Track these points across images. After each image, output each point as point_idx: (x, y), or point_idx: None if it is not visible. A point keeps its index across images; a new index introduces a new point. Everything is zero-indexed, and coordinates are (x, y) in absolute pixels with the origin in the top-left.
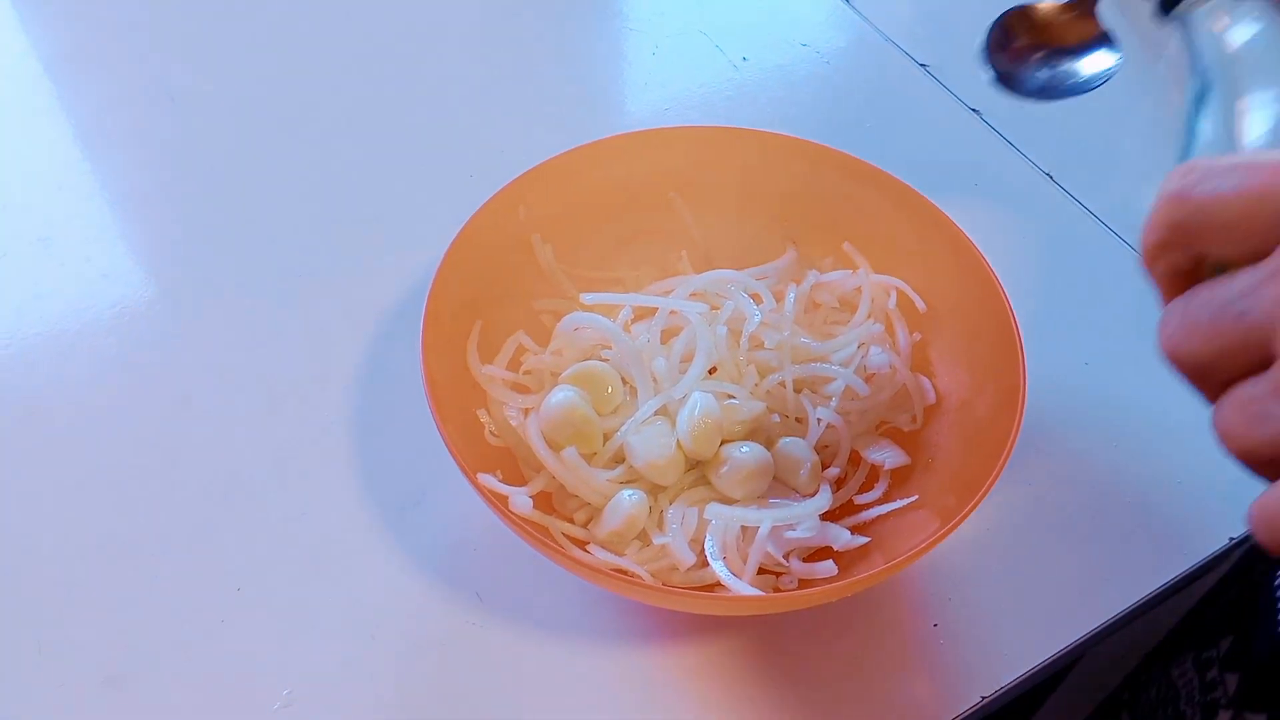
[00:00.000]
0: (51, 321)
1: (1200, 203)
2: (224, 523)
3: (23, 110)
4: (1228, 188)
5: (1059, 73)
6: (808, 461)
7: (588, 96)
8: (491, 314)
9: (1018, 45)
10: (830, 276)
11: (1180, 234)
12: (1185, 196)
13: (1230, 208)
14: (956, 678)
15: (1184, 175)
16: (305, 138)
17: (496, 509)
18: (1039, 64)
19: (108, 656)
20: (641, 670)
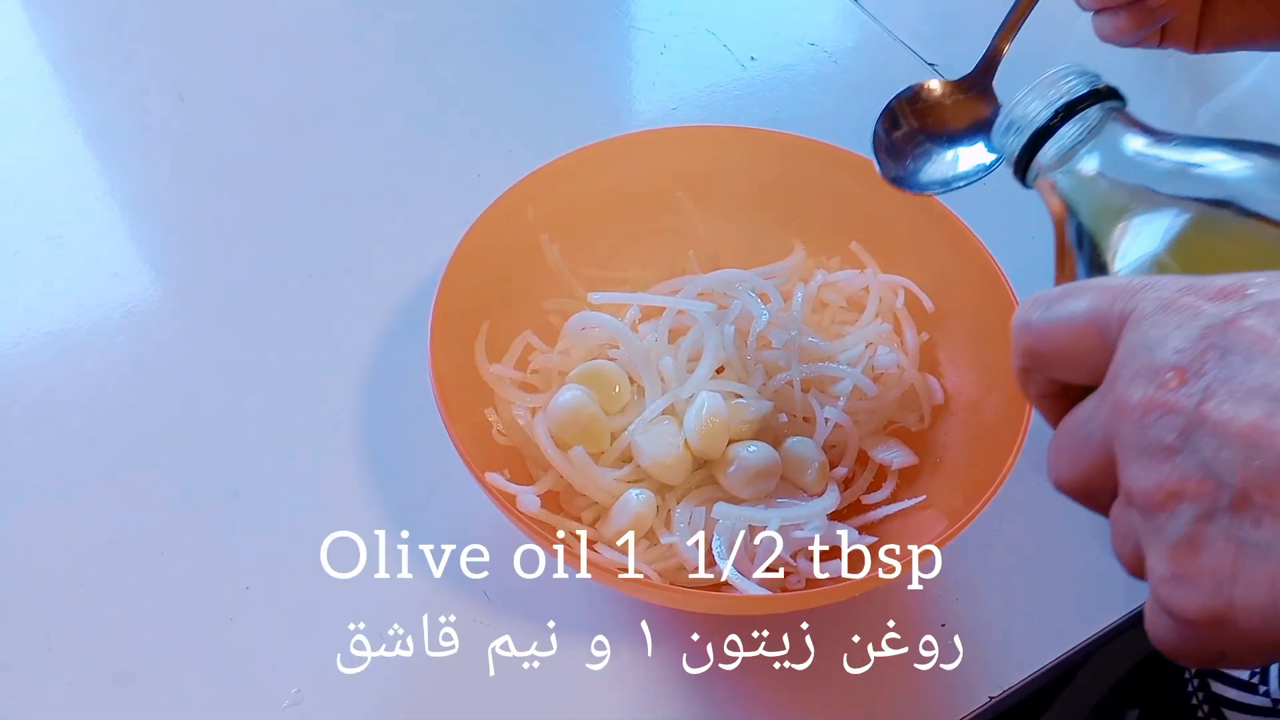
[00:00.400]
0: (62, 320)
1: (1040, 331)
2: (233, 521)
3: (33, 110)
4: (1058, 315)
5: (946, 163)
6: (815, 461)
7: (595, 96)
8: (499, 313)
9: (901, 134)
10: (838, 276)
11: (1033, 361)
12: (1028, 325)
13: (1063, 334)
14: (964, 678)
15: (1029, 305)
16: (314, 137)
17: (504, 508)
18: (925, 154)
19: (117, 654)
20: (649, 669)
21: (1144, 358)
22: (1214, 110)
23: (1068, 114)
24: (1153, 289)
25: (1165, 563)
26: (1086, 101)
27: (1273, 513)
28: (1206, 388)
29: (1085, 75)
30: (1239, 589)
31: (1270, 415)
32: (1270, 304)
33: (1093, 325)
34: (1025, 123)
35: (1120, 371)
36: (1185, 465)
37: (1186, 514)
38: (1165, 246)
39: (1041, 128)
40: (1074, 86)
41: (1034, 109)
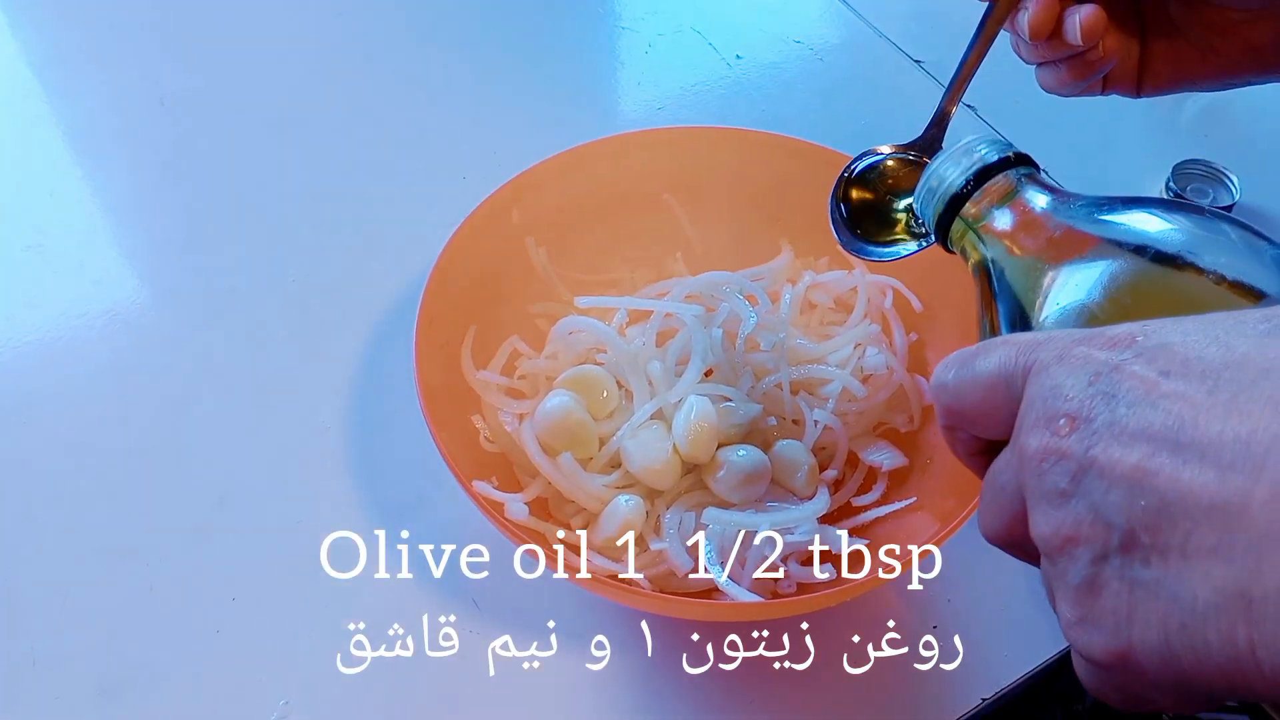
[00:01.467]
0: (45, 329)
1: (955, 390)
2: (218, 531)
3: (12, 115)
4: (970, 374)
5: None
6: (805, 464)
7: (580, 95)
8: (485, 318)
9: (856, 204)
10: (826, 277)
11: (952, 419)
12: (944, 385)
13: (975, 392)
14: (956, 680)
15: (945, 366)
16: (297, 140)
17: (492, 516)
18: (880, 223)
19: (102, 667)
20: (649, 669)
21: (1040, 407)
22: (1200, 103)
23: (980, 180)
24: (1052, 342)
25: (1071, 607)
26: (997, 169)
27: (1158, 551)
28: (1094, 432)
29: (998, 144)
30: (1135, 629)
31: (1151, 456)
32: (1154, 349)
33: (1000, 381)
34: (942, 189)
35: (1022, 422)
36: (1078, 509)
37: (1083, 557)
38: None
39: (956, 193)
40: (986, 154)
41: (949, 175)
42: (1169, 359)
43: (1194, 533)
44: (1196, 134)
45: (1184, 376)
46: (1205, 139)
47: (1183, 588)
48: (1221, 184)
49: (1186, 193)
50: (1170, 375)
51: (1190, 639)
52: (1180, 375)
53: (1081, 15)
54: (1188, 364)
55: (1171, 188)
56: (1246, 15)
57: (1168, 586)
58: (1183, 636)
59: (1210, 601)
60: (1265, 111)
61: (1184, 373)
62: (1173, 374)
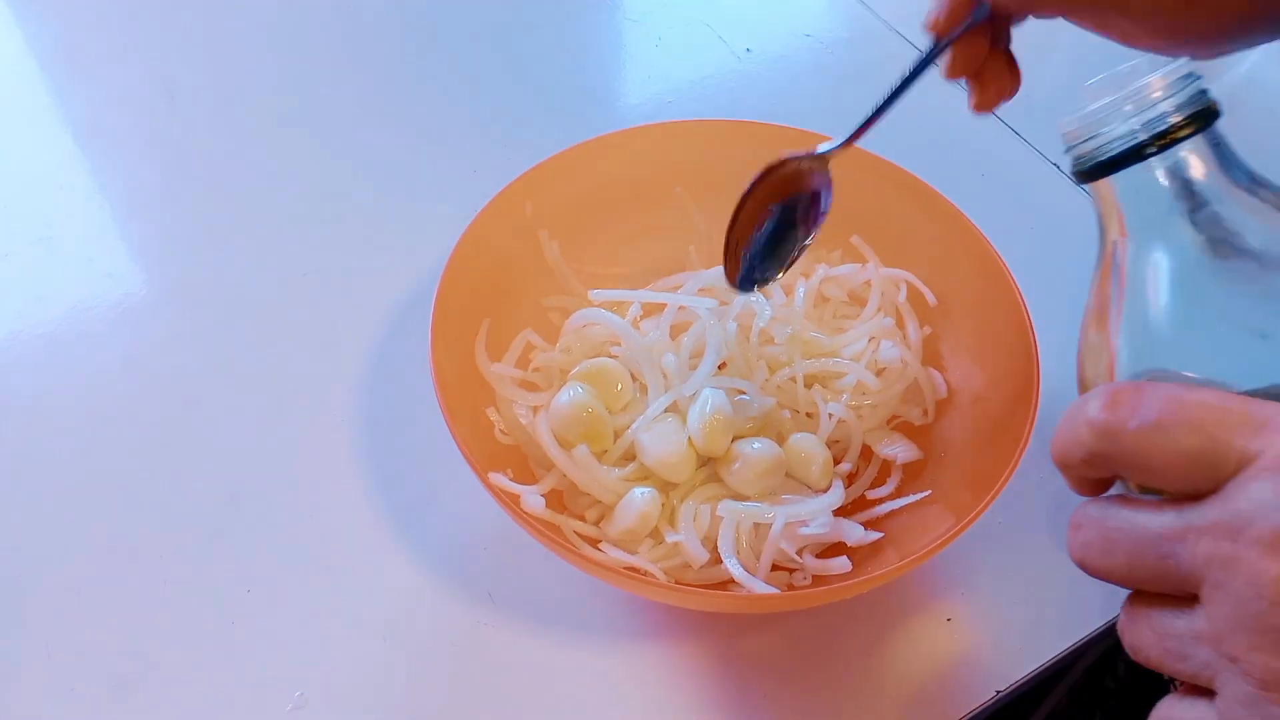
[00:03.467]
0: (54, 322)
1: (1132, 445)
2: (233, 524)
3: (21, 109)
4: (1162, 436)
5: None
6: (820, 457)
7: (590, 89)
8: (499, 311)
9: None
10: (839, 270)
11: (1104, 462)
12: (1116, 434)
13: (1164, 457)
14: (970, 673)
15: (1113, 406)
16: (307, 134)
17: (508, 508)
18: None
19: (117, 660)
20: (655, 668)
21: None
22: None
23: (1164, 139)
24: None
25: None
26: (1189, 128)
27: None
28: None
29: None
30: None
31: None
32: None
33: (1206, 457)
34: (1112, 136)
35: (1248, 527)
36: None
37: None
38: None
39: (1129, 149)
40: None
41: (1125, 124)
42: None
43: None
44: None
45: None
46: None
47: None
48: None
49: None
50: None
51: None
52: None
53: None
54: None
55: None
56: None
57: None
58: None
59: None
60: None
61: None
62: None
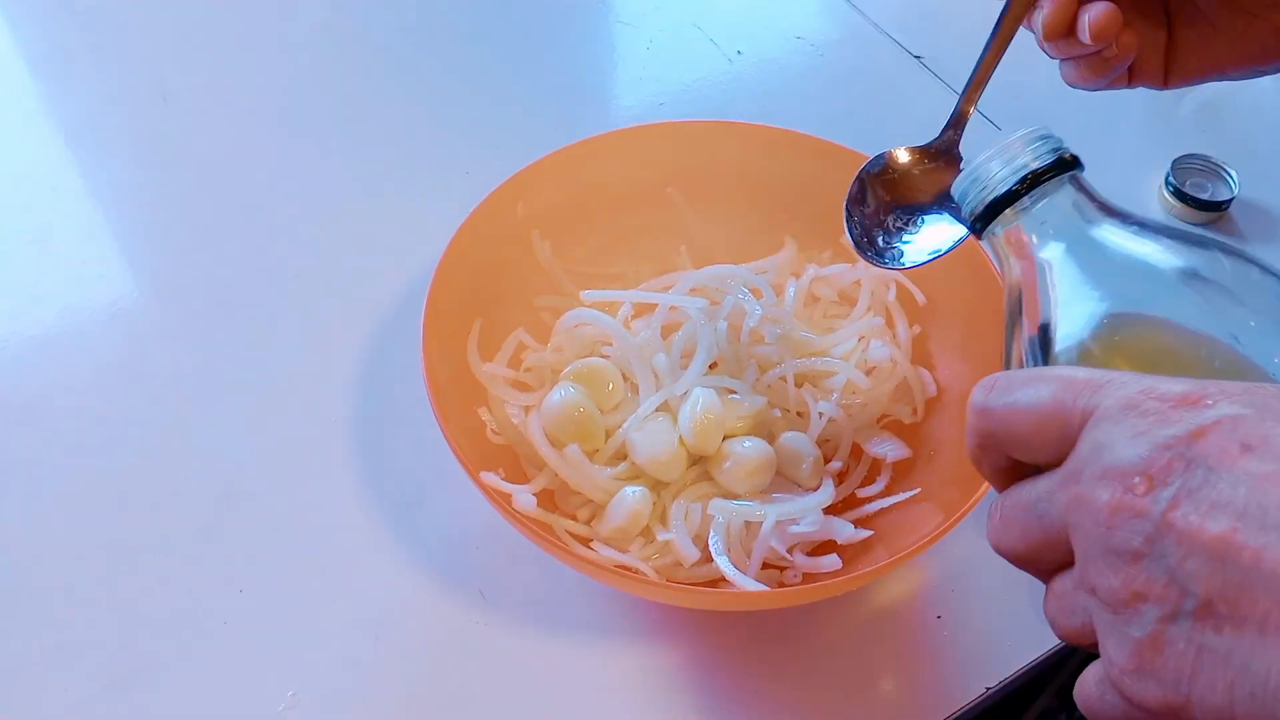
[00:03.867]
0: (47, 323)
1: (1000, 416)
2: (225, 524)
3: (14, 110)
4: (1020, 404)
5: (920, 235)
6: (810, 456)
7: (581, 91)
8: (491, 311)
9: (872, 208)
10: (829, 270)
11: (989, 441)
12: (987, 411)
13: (1024, 423)
14: (960, 669)
15: (987, 389)
16: (301, 135)
17: (499, 507)
18: (893, 226)
19: (110, 660)
20: (646, 666)
21: (1109, 459)
22: (1199, 98)
23: (1033, 183)
24: (1115, 387)
25: (1128, 656)
26: (1051, 172)
27: (1234, 623)
28: (1173, 497)
29: (1050, 140)
30: (1198, 689)
31: (1236, 530)
32: (1232, 418)
33: (1055, 418)
34: (989, 184)
35: (1085, 468)
36: (1151, 569)
37: (1150, 614)
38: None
39: (1004, 194)
40: (1040, 153)
41: (999, 173)
42: (1248, 431)
43: (1273, 612)
44: (1195, 129)
45: (1265, 456)
46: (1204, 134)
47: (1256, 661)
48: (1220, 179)
49: (1186, 187)
50: (1251, 451)
51: (1256, 708)
52: (1262, 452)
53: (1091, 15)
54: (1266, 441)
55: (1171, 182)
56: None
57: (1239, 656)
58: (1250, 704)
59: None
60: (1264, 107)
61: (1265, 450)
62: (1255, 450)
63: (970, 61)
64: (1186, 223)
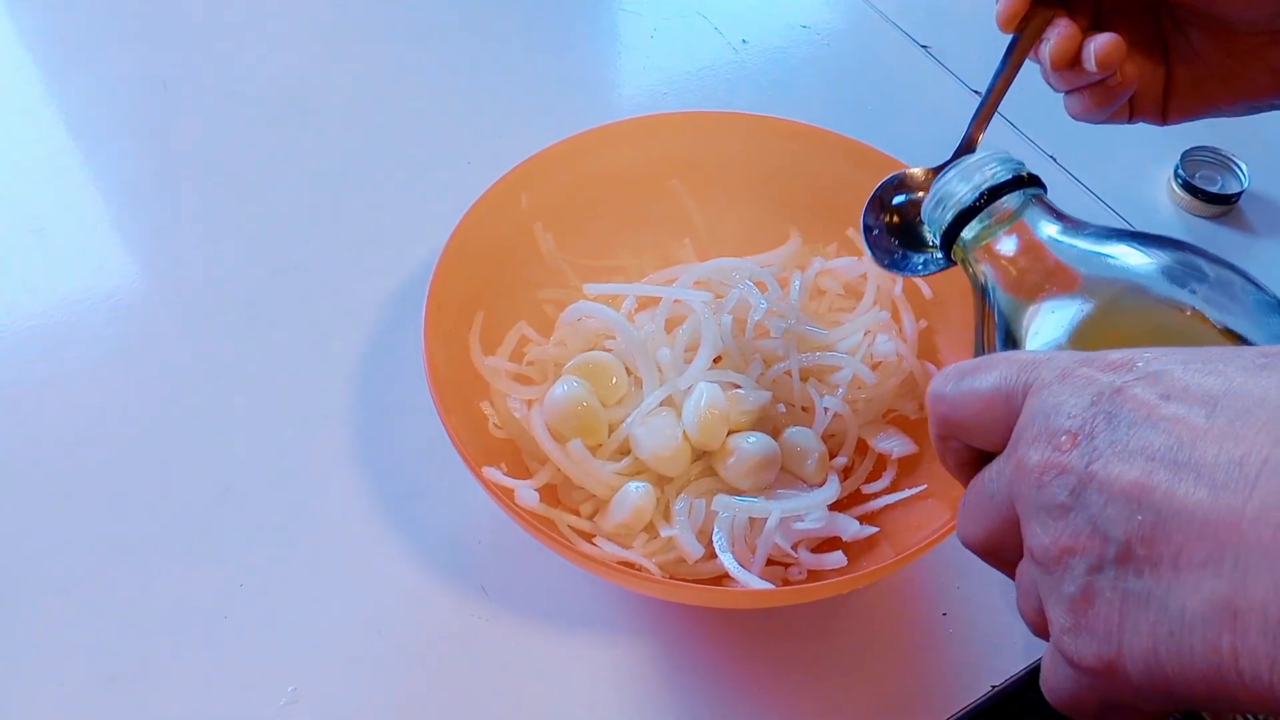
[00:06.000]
0: (45, 314)
1: (953, 402)
2: (225, 518)
3: (12, 100)
4: (969, 388)
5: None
6: (815, 451)
7: (585, 80)
8: (493, 304)
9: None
10: (835, 263)
11: (947, 429)
12: (941, 397)
13: (973, 405)
14: (966, 668)
15: (943, 378)
16: (301, 125)
17: (502, 503)
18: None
19: (109, 655)
20: (649, 662)
21: (1041, 422)
22: None
23: (991, 197)
24: (1053, 361)
25: (1064, 615)
26: (1008, 187)
27: (1151, 564)
28: (1094, 449)
29: (1009, 162)
30: (1126, 637)
31: (1149, 473)
32: (1154, 374)
33: (1000, 395)
34: (950, 202)
35: (1021, 435)
36: (1077, 522)
37: (1079, 568)
38: (1069, 334)
39: (965, 208)
40: (998, 172)
41: (959, 190)
42: (1169, 384)
43: (1186, 547)
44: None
45: (1183, 401)
46: (1213, 126)
47: (1172, 598)
48: (1230, 171)
49: (1195, 179)
50: (1169, 399)
51: (1177, 647)
52: (1179, 400)
53: (1096, 44)
54: (1186, 390)
55: (1180, 175)
56: (1266, 39)
57: (1158, 597)
58: (1170, 644)
59: (1198, 612)
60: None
61: (1183, 398)
62: (1172, 398)
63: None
64: (1196, 215)
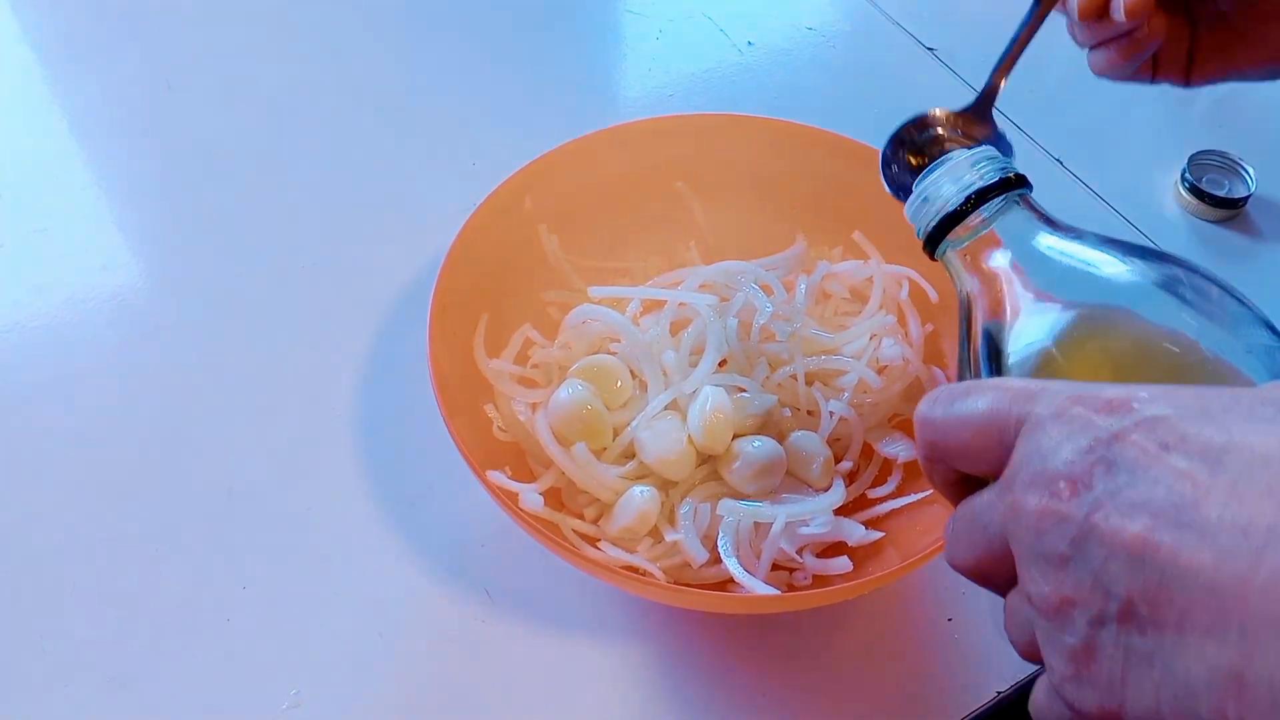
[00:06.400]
0: (50, 314)
1: (942, 428)
2: (228, 520)
3: (18, 100)
4: (959, 414)
5: None
6: (820, 456)
7: (590, 82)
8: (498, 307)
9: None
10: (841, 267)
11: (934, 454)
12: (930, 422)
13: (963, 433)
14: (972, 673)
15: (931, 401)
16: (306, 126)
17: (506, 506)
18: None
19: (112, 657)
20: (654, 666)
21: (1038, 465)
22: (1215, 94)
23: (978, 200)
24: (1046, 395)
25: (1065, 664)
26: (996, 190)
27: (1155, 624)
28: (1095, 499)
29: (997, 161)
30: (1129, 693)
31: (1153, 530)
32: (1153, 420)
33: (991, 426)
34: (936, 202)
35: (1017, 475)
36: (1077, 574)
37: (1080, 620)
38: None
39: (951, 212)
40: (986, 172)
41: (946, 191)
42: (1167, 431)
43: (1191, 611)
44: (1212, 125)
45: (1184, 453)
46: (1221, 130)
47: (1177, 662)
48: (1237, 175)
49: (1202, 183)
50: (1170, 449)
51: (1182, 710)
52: (1179, 451)
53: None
54: (1185, 440)
55: (1187, 178)
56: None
57: (1162, 658)
58: (1174, 706)
59: (1203, 678)
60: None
61: (1183, 449)
62: (1172, 448)
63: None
64: (1203, 220)
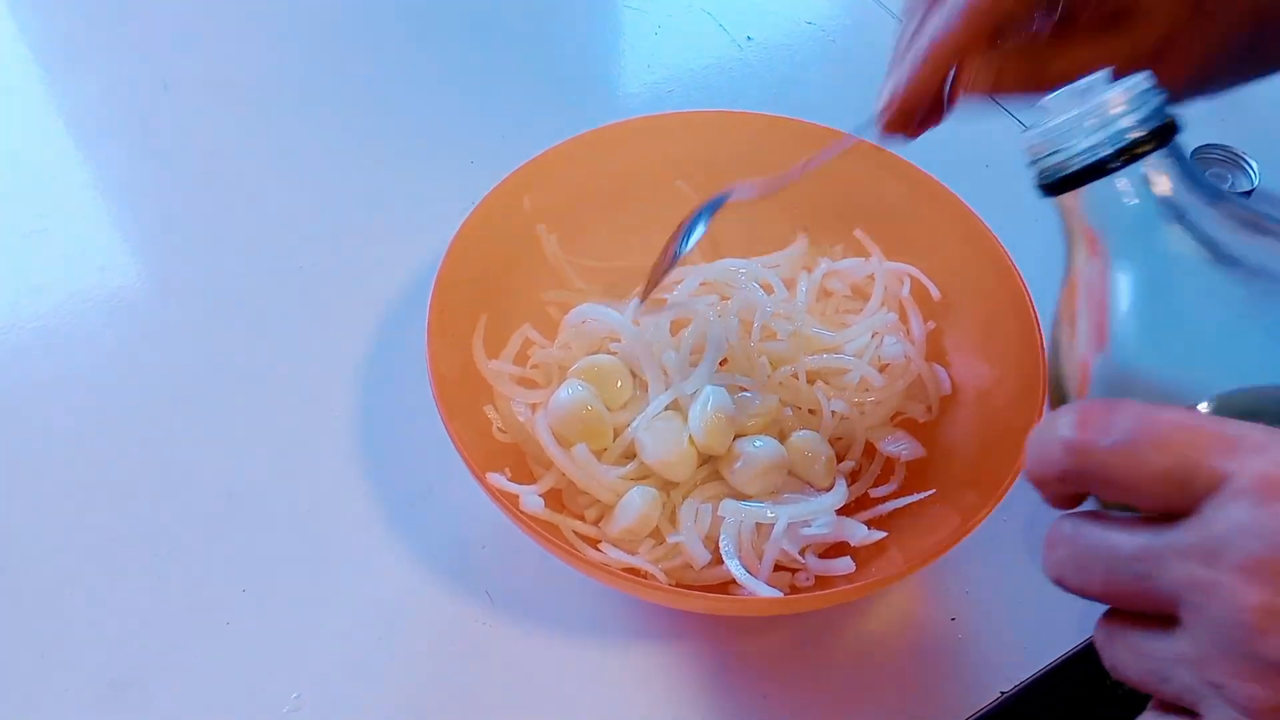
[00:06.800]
0: (47, 315)
1: (1104, 461)
2: (227, 522)
3: (15, 100)
4: (1136, 452)
5: None
6: (822, 455)
7: (588, 78)
8: (497, 307)
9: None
10: (842, 264)
11: (1077, 479)
12: (1088, 451)
13: (1135, 472)
14: (975, 673)
15: (1083, 426)
16: (304, 125)
17: (506, 508)
18: None
19: (111, 661)
20: (655, 668)
21: (1256, 549)
22: None
23: (1129, 157)
24: (1251, 452)
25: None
26: (1151, 143)
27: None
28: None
29: (1151, 97)
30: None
31: None
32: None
33: (1178, 477)
34: (1069, 150)
35: (1224, 551)
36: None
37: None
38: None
39: (1090, 165)
40: (1143, 115)
41: (1081, 140)
42: None
43: None
44: (1214, 118)
45: None
46: (1223, 123)
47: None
48: (1240, 169)
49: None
50: None
51: None
52: None
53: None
54: None
55: None
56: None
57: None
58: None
59: None
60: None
61: None
62: None
63: None
64: None
